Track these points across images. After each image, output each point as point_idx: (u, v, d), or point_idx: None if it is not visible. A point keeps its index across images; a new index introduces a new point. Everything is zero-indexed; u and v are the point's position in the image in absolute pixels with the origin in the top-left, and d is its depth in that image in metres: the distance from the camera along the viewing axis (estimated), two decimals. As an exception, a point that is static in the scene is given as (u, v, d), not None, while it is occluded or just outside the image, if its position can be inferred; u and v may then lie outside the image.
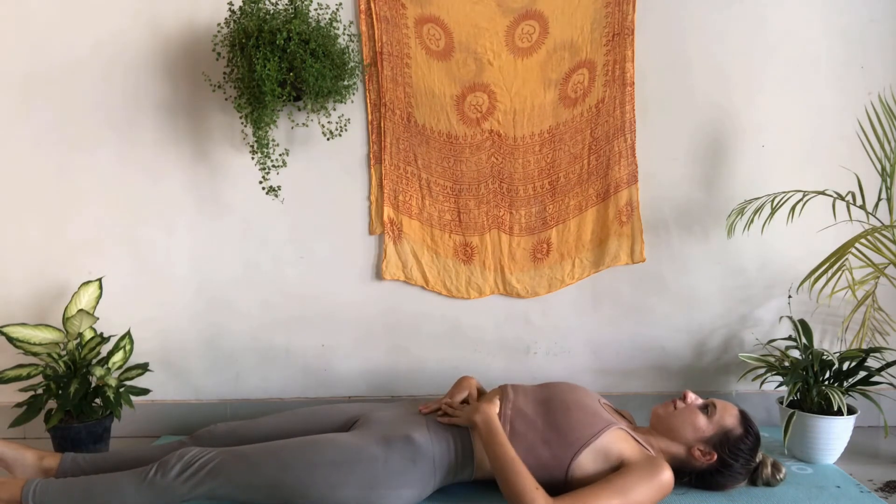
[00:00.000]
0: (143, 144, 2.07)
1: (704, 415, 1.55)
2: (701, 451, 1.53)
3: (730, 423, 1.54)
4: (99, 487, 1.46)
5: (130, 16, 2.03)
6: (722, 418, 1.54)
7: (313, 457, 1.46)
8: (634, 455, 1.47)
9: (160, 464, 1.46)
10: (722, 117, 2.06)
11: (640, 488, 1.40)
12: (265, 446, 1.51)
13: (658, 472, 1.43)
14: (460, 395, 1.69)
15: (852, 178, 1.95)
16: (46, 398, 1.83)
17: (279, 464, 1.45)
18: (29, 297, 2.10)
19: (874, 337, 1.92)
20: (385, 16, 2.01)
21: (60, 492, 1.45)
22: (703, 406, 1.57)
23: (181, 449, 1.50)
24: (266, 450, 1.49)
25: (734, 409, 1.58)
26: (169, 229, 2.10)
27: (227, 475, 1.44)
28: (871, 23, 2.03)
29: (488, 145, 2.08)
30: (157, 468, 1.45)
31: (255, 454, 1.48)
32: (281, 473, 1.44)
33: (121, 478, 1.46)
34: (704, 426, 1.54)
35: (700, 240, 2.10)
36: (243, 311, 2.12)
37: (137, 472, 1.47)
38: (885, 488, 1.66)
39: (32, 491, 1.43)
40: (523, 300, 2.13)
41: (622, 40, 2.02)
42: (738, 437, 1.53)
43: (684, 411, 1.56)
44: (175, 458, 1.46)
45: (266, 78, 1.75)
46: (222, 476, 1.44)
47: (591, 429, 1.48)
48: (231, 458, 1.47)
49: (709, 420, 1.54)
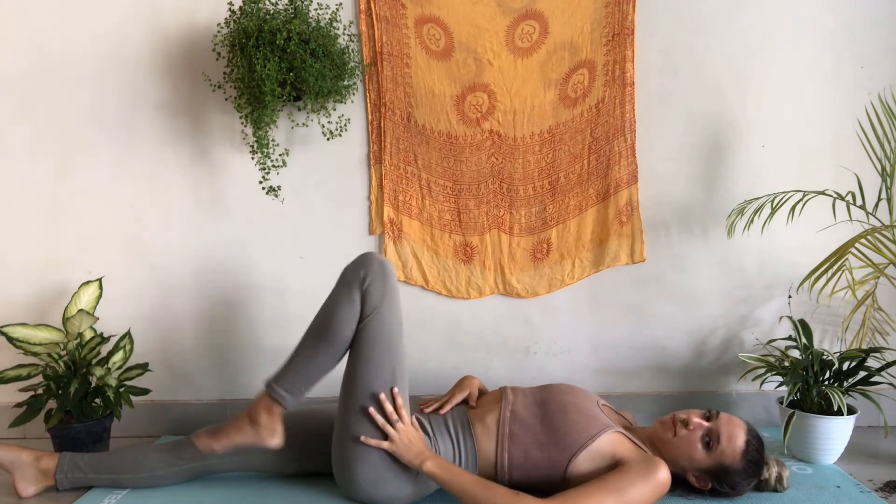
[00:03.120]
0: (143, 144, 2.07)
1: (706, 449, 1.46)
2: (696, 477, 1.50)
3: (730, 459, 1.46)
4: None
5: (130, 16, 2.03)
6: (722, 454, 1.46)
7: (348, 425, 1.50)
8: (631, 455, 1.46)
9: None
10: (722, 117, 2.06)
11: (636, 487, 1.38)
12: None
13: (654, 471, 1.41)
14: (461, 395, 1.69)
15: (852, 178, 1.95)
16: (46, 398, 1.83)
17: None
18: (29, 297, 2.10)
19: (874, 337, 1.92)
20: (385, 16, 2.01)
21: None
22: (705, 436, 1.47)
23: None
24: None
25: (738, 442, 1.46)
26: (169, 229, 2.10)
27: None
28: (871, 23, 2.03)
29: (488, 145, 2.08)
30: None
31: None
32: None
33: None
34: (701, 459, 1.47)
35: (700, 240, 2.10)
36: (243, 311, 2.12)
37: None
38: (885, 488, 1.66)
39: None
40: (523, 300, 2.13)
41: (622, 40, 2.02)
42: (736, 471, 1.47)
43: (684, 441, 1.48)
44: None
45: (266, 78, 1.75)
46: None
47: (587, 431, 1.48)
48: None
49: (708, 454, 1.46)
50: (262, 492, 1.63)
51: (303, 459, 1.65)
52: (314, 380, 1.51)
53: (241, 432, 1.53)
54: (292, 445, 1.61)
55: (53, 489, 1.65)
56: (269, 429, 1.51)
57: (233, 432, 1.54)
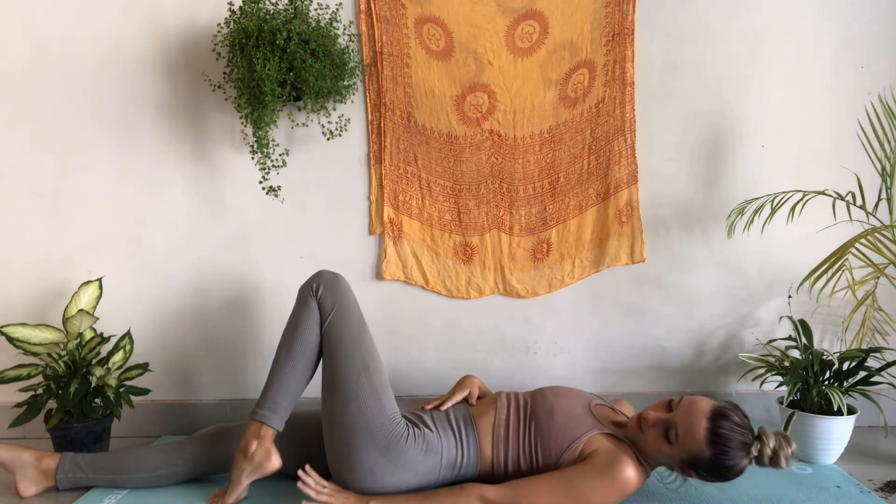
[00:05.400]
0: (143, 144, 2.07)
1: (668, 443, 1.41)
2: (680, 468, 1.46)
3: (695, 448, 1.38)
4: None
5: (130, 16, 2.03)
6: (686, 445, 1.39)
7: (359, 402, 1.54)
8: (600, 450, 1.45)
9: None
10: (722, 117, 2.06)
11: (588, 480, 1.38)
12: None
13: (612, 468, 1.39)
14: (461, 394, 1.69)
15: (852, 178, 1.95)
16: (46, 398, 1.83)
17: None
18: (29, 297, 2.10)
19: (874, 337, 1.92)
20: (385, 16, 2.01)
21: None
22: (663, 430, 1.42)
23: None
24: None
25: (699, 430, 1.38)
26: (169, 229, 2.10)
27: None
28: (871, 23, 2.03)
29: (488, 145, 2.08)
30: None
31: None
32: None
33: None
34: (669, 452, 1.42)
35: (700, 240, 2.10)
36: (243, 311, 2.12)
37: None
38: (885, 488, 1.66)
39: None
40: (523, 300, 2.13)
41: (622, 40, 2.02)
42: (707, 458, 1.38)
43: (648, 437, 1.45)
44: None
45: (266, 78, 1.75)
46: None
47: (571, 434, 1.49)
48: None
49: (672, 447, 1.41)
50: (262, 491, 1.62)
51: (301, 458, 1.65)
52: (294, 393, 1.59)
53: (239, 470, 1.55)
54: (290, 446, 1.62)
55: (54, 489, 1.65)
56: (263, 453, 1.54)
57: (234, 475, 1.56)
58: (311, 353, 1.59)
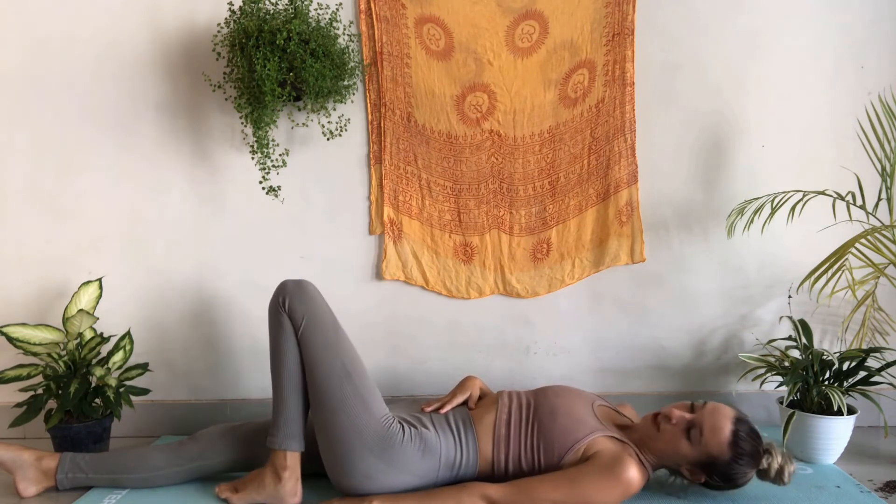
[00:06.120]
0: (142, 144, 2.07)
1: (689, 441, 1.44)
2: (689, 470, 1.48)
3: (716, 450, 1.43)
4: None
5: (130, 16, 2.03)
6: (707, 444, 1.43)
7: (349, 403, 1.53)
8: (604, 449, 1.45)
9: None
10: (722, 117, 2.06)
11: (591, 480, 1.39)
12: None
13: (616, 468, 1.39)
14: (462, 396, 1.69)
15: (852, 178, 1.95)
16: (46, 398, 1.83)
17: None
18: (29, 297, 2.10)
19: (874, 337, 1.92)
20: (385, 16, 2.01)
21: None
22: (687, 428, 1.45)
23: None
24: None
25: (724, 432, 1.43)
26: (169, 229, 2.10)
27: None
28: (871, 23, 2.03)
29: (488, 145, 2.08)
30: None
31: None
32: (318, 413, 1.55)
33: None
34: (688, 451, 1.45)
35: (700, 240, 2.10)
36: (243, 311, 2.12)
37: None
38: (885, 488, 1.66)
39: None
40: (523, 300, 2.13)
41: (622, 40, 2.02)
42: (725, 462, 1.43)
43: (666, 435, 1.47)
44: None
45: (266, 78, 1.75)
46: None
47: (573, 436, 1.48)
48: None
49: (692, 446, 1.44)
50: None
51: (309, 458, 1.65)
52: (302, 408, 1.58)
53: (262, 489, 1.55)
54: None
55: (54, 489, 1.65)
56: (292, 486, 1.54)
57: (253, 489, 1.56)
58: (299, 370, 1.58)
